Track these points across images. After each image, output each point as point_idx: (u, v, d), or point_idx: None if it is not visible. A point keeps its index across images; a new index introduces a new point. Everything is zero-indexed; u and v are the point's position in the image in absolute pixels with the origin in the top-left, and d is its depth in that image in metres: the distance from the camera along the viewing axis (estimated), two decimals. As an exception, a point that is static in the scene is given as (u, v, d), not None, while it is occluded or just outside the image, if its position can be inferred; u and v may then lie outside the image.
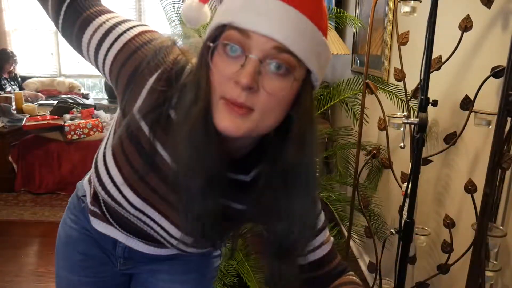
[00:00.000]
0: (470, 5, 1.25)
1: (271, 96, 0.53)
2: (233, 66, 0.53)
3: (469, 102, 1.21)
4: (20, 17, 5.23)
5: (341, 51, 2.38)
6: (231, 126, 0.54)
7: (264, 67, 0.52)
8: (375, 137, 2.13)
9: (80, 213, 0.87)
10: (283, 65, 0.53)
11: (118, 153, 0.66)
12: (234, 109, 0.53)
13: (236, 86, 0.52)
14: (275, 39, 0.51)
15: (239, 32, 0.52)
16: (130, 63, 0.62)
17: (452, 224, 1.30)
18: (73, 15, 0.67)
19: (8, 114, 3.49)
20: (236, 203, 0.69)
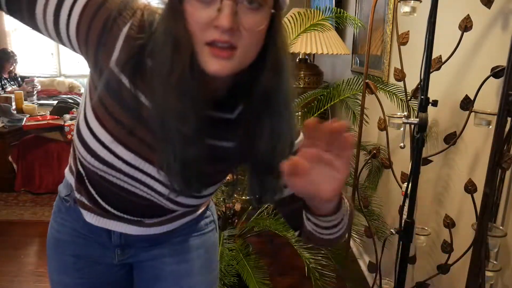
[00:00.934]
0: (470, 5, 1.25)
1: (250, 32, 0.57)
2: (208, 11, 0.55)
3: (469, 102, 1.21)
4: (20, 17, 5.22)
5: (341, 51, 2.38)
6: (219, 68, 0.57)
7: (238, 6, 0.55)
8: (375, 137, 2.13)
9: (66, 214, 0.86)
10: (255, 1, 0.56)
11: (101, 113, 0.66)
12: (219, 53, 0.56)
13: (216, 29, 0.55)
14: None
15: None
16: (99, 17, 0.62)
17: (452, 224, 1.30)
18: None
19: (8, 114, 3.49)
20: (224, 141, 0.71)
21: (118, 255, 0.87)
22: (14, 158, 3.35)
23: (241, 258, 1.66)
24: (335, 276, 1.60)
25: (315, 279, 1.55)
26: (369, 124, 2.04)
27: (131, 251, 0.88)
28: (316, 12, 1.79)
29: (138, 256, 0.89)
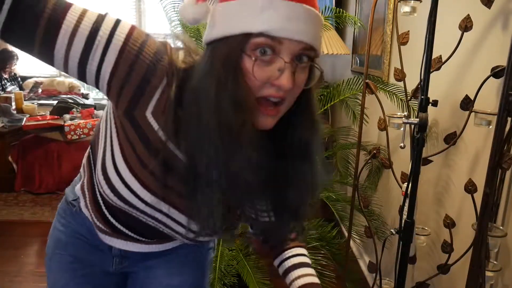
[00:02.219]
0: (470, 5, 1.25)
1: (299, 87, 0.61)
2: (268, 69, 0.57)
3: (469, 102, 1.21)
4: (20, 17, 5.23)
5: (341, 51, 2.38)
6: (266, 124, 0.61)
7: (294, 65, 0.58)
8: (375, 137, 2.13)
9: (71, 217, 0.87)
10: (305, 58, 0.59)
11: (131, 156, 0.66)
12: (269, 112, 0.60)
13: (272, 87, 0.58)
14: (305, 42, 0.57)
15: (271, 39, 0.56)
16: (136, 73, 0.59)
17: (452, 224, 1.30)
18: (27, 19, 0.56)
19: (8, 114, 3.49)
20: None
21: (116, 264, 0.88)
22: (14, 158, 3.35)
23: (241, 258, 1.66)
24: (335, 276, 1.60)
25: (315, 279, 1.55)
26: (369, 124, 2.04)
27: (129, 261, 0.89)
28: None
29: (134, 266, 0.90)
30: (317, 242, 1.67)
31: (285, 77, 0.57)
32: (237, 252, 1.69)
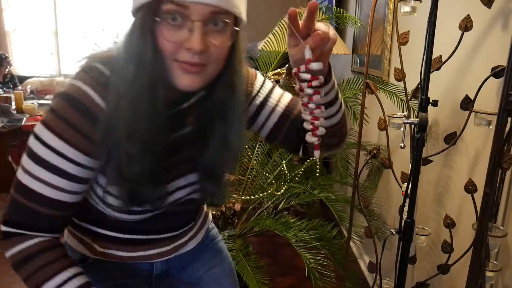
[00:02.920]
0: (470, 5, 1.25)
1: (218, 49, 0.63)
2: (180, 33, 0.61)
3: (469, 102, 1.21)
4: (20, 17, 5.23)
5: (341, 51, 2.38)
6: (189, 83, 0.64)
7: (206, 28, 0.61)
8: (375, 137, 2.13)
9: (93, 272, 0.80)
10: (220, 22, 0.62)
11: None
12: (190, 69, 0.63)
13: (188, 51, 0.61)
14: (212, 4, 0.59)
15: (176, 5, 0.59)
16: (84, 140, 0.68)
17: (452, 224, 1.30)
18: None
19: (8, 114, 3.49)
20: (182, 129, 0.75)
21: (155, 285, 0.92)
22: (14, 158, 3.34)
23: (241, 258, 1.66)
24: (335, 276, 1.60)
25: (315, 279, 1.55)
26: (369, 124, 2.04)
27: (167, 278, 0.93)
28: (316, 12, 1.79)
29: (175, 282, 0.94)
30: (317, 242, 1.67)
31: (194, 38, 0.60)
32: (237, 252, 1.69)
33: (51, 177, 0.66)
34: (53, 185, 0.67)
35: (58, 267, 0.70)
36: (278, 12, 2.98)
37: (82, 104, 0.65)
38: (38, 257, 0.69)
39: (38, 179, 0.67)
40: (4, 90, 4.16)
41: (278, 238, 1.84)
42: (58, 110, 0.65)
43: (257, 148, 1.99)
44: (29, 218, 0.69)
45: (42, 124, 0.66)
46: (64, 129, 0.65)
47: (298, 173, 1.92)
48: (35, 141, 0.66)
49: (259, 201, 1.99)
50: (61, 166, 0.66)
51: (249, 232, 1.95)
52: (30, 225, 0.70)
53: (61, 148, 0.65)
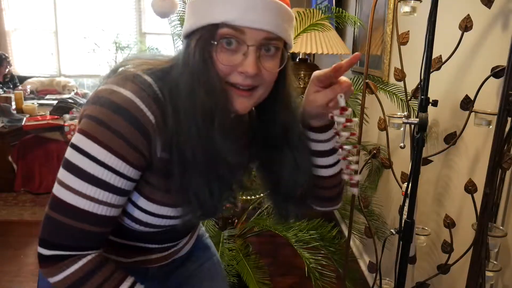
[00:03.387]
0: (470, 5, 1.25)
1: (269, 74, 0.66)
2: (235, 57, 0.63)
3: (469, 102, 1.21)
4: (20, 17, 5.23)
5: (341, 51, 2.38)
6: (242, 106, 0.66)
7: (259, 52, 0.64)
8: (375, 137, 2.13)
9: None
10: (272, 47, 0.65)
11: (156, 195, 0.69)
12: (242, 93, 0.65)
13: (241, 74, 0.63)
14: (265, 29, 0.62)
15: (233, 29, 0.61)
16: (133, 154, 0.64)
17: (452, 224, 1.30)
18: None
19: (8, 114, 3.49)
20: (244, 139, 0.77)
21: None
22: (14, 158, 3.35)
23: (241, 258, 1.66)
24: (335, 276, 1.60)
25: (315, 279, 1.55)
26: (369, 124, 2.04)
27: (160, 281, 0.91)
28: (316, 12, 1.79)
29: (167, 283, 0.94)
30: (317, 242, 1.67)
31: (248, 62, 0.62)
32: (237, 252, 1.69)
33: (96, 192, 0.62)
34: (99, 200, 0.62)
35: (116, 281, 0.67)
36: (278, 12, 2.99)
37: (132, 114, 0.60)
38: (96, 274, 0.65)
39: (82, 195, 0.61)
40: (4, 90, 4.16)
41: (278, 238, 1.83)
42: (102, 118, 0.60)
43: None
44: (76, 237, 0.64)
45: (82, 133, 0.61)
46: (110, 138, 0.60)
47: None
48: (74, 153, 0.61)
49: (259, 201, 1.99)
50: (107, 179, 0.61)
51: (249, 232, 1.95)
52: (79, 245, 0.65)
53: (107, 159, 0.60)
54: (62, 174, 0.62)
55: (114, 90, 0.62)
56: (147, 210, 0.70)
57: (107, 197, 0.63)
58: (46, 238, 0.65)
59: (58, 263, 0.65)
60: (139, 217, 0.71)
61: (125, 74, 0.65)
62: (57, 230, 0.64)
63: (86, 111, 0.63)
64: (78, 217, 0.62)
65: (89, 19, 5.18)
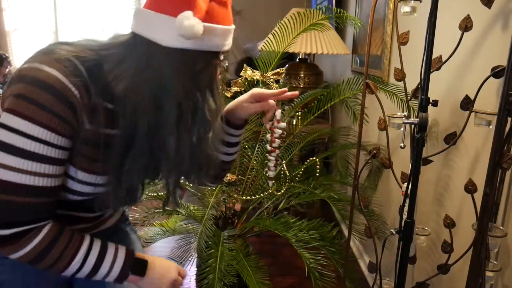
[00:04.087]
0: (470, 5, 1.25)
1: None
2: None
3: (469, 102, 1.21)
4: (20, 17, 5.23)
5: (341, 51, 2.38)
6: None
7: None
8: (375, 137, 2.13)
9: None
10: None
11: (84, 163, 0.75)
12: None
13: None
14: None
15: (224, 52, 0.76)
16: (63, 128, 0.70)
17: (452, 224, 1.30)
18: None
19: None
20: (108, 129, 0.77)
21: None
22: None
23: (241, 258, 1.66)
24: (335, 276, 1.60)
25: (315, 279, 1.55)
26: (369, 124, 2.04)
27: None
28: (316, 12, 1.79)
29: None
30: (317, 242, 1.67)
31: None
32: (237, 252, 1.69)
33: (33, 165, 0.66)
34: (38, 172, 0.67)
35: (77, 243, 0.74)
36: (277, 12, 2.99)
37: (56, 89, 0.66)
38: (57, 242, 0.72)
39: (21, 171, 0.65)
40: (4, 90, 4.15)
41: (278, 238, 1.83)
42: (29, 95, 0.64)
43: (257, 148, 1.99)
44: (28, 211, 0.68)
45: (10, 112, 0.65)
46: (38, 112, 0.64)
47: (298, 173, 1.92)
48: (4, 132, 0.64)
49: (259, 201, 1.99)
50: (41, 152, 0.66)
51: (249, 232, 1.95)
52: (33, 218, 0.69)
53: (38, 133, 0.65)
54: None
55: (38, 68, 0.66)
56: (77, 179, 0.75)
57: (45, 169, 0.67)
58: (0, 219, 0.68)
59: (19, 240, 0.69)
60: (72, 187, 0.76)
61: (50, 54, 0.69)
62: (8, 209, 0.67)
63: (12, 90, 0.66)
64: (23, 192, 0.66)
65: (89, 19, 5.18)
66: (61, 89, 0.66)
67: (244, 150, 2.01)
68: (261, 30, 2.49)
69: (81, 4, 5.19)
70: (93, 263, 0.76)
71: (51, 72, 0.66)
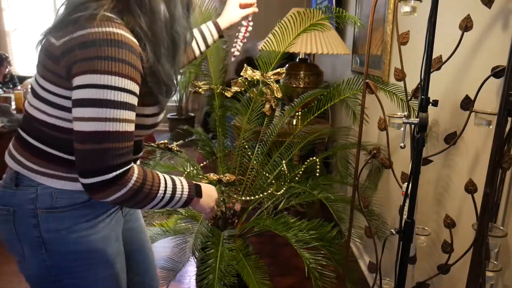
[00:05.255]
0: (470, 5, 1.25)
1: None
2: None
3: (469, 102, 1.21)
4: (20, 17, 5.23)
5: (341, 51, 2.38)
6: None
7: None
8: (375, 137, 2.13)
9: (91, 209, 0.92)
10: None
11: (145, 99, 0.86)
12: None
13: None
14: None
15: None
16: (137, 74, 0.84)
17: (452, 224, 1.30)
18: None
19: (8, 114, 3.49)
20: None
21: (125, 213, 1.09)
22: (14, 158, 3.34)
23: (241, 258, 1.66)
24: (335, 276, 1.59)
25: (315, 279, 1.55)
26: (369, 124, 2.04)
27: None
28: (316, 12, 1.79)
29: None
30: (317, 242, 1.67)
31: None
32: (237, 252, 1.69)
33: (126, 114, 0.77)
34: (129, 119, 0.78)
35: (157, 177, 0.86)
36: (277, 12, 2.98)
37: (129, 44, 0.76)
38: (146, 179, 0.83)
39: (120, 120, 0.76)
40: (4, 90, 4.16)
41: (278, 238, 1.83)
42: (120, 57, 0.74)
43: (257, 148, 1.99)
44: (126, 155, 0.79)
45: (111, 74, 0.74)
46: (125, 68, 0.75)
47: (298, 173, 1.92)
48: (102, 91, 0.74)
49: (259, 201, 1.99)
50: (130, 101, 0.78)
51: (249, 232, 1.95)
52: (124, 161, 0.78)
53: (128, 85, 0.76)
54: (94, 111, 0.74)
55: (110, 31, 0.74)
56: (145, 114, 0.88)
57: (132, 115, 0.79)
58: (92, 168, 0.76)
59: (120, 180, 0.78)
60: (144, 122, 0.89)
61: (97, 17, 0.76)
62: (112, 155, 0.76)
63: (96, 52, 0.73)
64: (122, 139, 0.77)
65: (89, 19, 5.17)
66: (131, 43, 0.76)
67: (244, 150, 2.01)
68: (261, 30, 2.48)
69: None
70: (170, 194, 0.88)
71: (117, 31, 0.75)
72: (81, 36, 0.74)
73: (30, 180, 0.87)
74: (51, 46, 0.81)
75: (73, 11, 0.78)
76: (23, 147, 0.88)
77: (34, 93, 0.86)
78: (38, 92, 0.85)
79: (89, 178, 0.76)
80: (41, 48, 0.85)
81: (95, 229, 0.92)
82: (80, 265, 0.91)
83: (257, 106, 1.97)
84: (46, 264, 0.89)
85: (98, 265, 0.94)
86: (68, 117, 0.81)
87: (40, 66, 0.84)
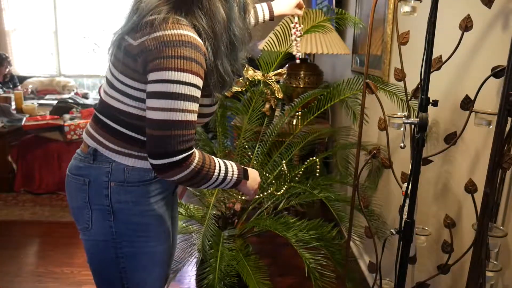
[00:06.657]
0: (470, 5, 1.25)
1: None
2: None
3: (469, 102, 1.21)
4: (20, 17, 5.23)
5: (341, 51, 2.38)
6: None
7: None
8: (375, 137, 2.13)
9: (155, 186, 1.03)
10: None
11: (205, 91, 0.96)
12: None
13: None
14: None
15: None
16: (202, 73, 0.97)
17: (452, 224, 1.30)
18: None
19: (8, 114, 3.49)
20: None
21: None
22: (14, 158, 3.35)
23: (241, 258, 1.66)
24: (335, 276, 1.60)
25: (315, 279, 1.55)
26: (369, 124, 2.04)
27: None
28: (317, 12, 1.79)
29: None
30: (317, 242, 1.67)
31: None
32: (237, 252, 1.69)
33: (192, 105, 0.89)
34: (194, 110, 0.90)
35: (213, 160, 0.99)
36: (278, 12, 2.98)
37: (198, 45, 0.88)
38: (205, 161, 0.95)
39: (188, 111, 0.88)
40: (4, 90, 4.16)
41: (278, 238, 1.83)
42: (189, 55, 0.86)
43: (257, 148, 1.99)
44: (190, 141, 0.90)
45: (181, 71, 0.85)
46: (195, 66, 0.87)
47: (298, 173, 1.92)
48: (177, 86, 0.86)
49: (259, 201, 1.99)
50: (196, 95, 0.90)
51: (249, 232, 1.95)
52: (192, 146, 0.92)
53: (197, 82, 0.88)
54: (164, 103, 0.86)
55: (180, 33, 0.86)
56: (205, 104, 1.00)
57: (196, 107, 0.90)
58: (161, 151, 0.88)
59: (185, 162, 0.90)
60: (203, 111, 1.00)
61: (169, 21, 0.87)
62: (181, 140, 0.88)
63: (169, 52, 0.85)
64: (188, 126, 0.89)
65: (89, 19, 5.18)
66: (199, 44, 0.88)
67: (244, 150, 2.01)
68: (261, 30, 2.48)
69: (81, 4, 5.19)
70: (223, 176, 1.00)
71: (188, 34, 0.87)
72: (157, 37, 0.86)
73: (106, 157, 1.00)
74: (130, 46, 0.90)
75: (148, 15, 0.88)
76: (102, 128, 1.00)
77: (111, 85, 0.97)
78: (115, 84, 0.96)
79: (158, 160, 0.89)
80: (119, 47, 0.94)
81: (156, 205, 1.05)
82: (140, 236, 1.03)
83: (257, 106, 1.97)
84: (112, 230, 1.01)
85: (155, 238, 1.06)
86: (142, 106, 0.93)
87: (119, 63, 0.94)
